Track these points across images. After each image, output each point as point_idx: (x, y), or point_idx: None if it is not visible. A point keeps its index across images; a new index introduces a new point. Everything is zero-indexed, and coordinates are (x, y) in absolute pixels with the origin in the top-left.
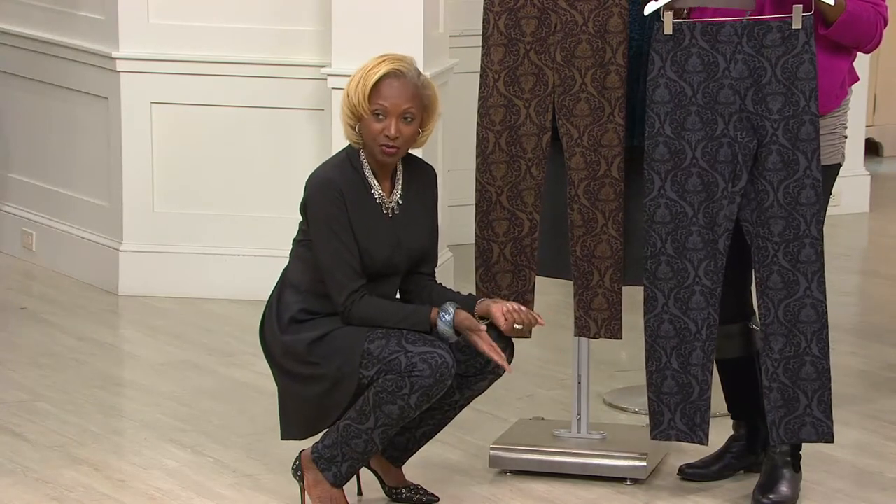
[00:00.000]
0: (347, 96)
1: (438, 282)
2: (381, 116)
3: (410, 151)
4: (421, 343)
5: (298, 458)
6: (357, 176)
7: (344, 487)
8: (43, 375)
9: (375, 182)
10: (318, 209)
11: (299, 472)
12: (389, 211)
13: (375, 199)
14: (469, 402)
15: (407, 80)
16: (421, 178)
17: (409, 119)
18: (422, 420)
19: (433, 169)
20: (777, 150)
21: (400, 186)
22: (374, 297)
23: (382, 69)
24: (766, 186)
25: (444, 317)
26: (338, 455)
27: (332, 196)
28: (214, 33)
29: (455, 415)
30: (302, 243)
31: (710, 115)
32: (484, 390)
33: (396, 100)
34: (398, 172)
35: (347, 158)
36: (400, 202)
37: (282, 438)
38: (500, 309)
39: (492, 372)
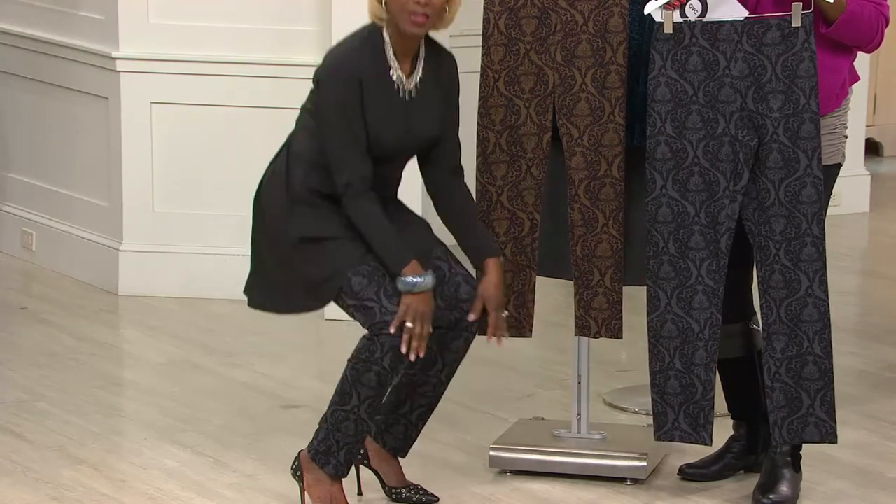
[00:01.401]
0: None
1: (469, 197)
2: None
3: (433, 36)
4: (396, 299)
5: (298, 458)
6: (377, 55)
7: (344, 488)
8: (43, 375)
9: (395, 62)
10: (330, 92)
11: (299, 473)
12: (406, 94)
13: (393, 80)
14: (453, 372)
15: None
16: (442, 64)
17: None
18: (413, 402)
19: (454, 58)
20: (778, 148)
21: (420, 70)
22: (377, 206)
23: None
24: (768, 185)
25: (411, 280)
26: (332, 445)
27: (346, 77)
28: (214, 33)
29: (443, 389)
30: (310, 112)
31: (711, 113)
32: (463, 352)
33: None
34: (419, 55)
35: (369, 36)
36: (418, 86)
37: (244, 291)
38: (487, 305)
39: (466, 329)
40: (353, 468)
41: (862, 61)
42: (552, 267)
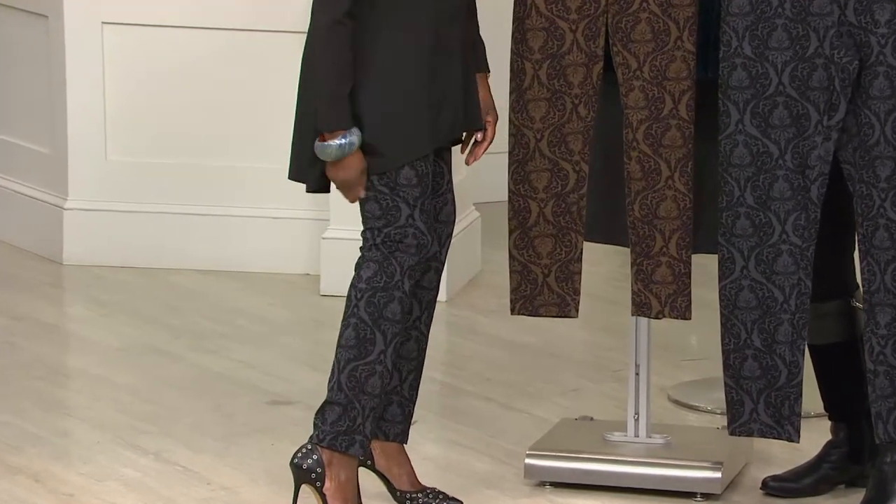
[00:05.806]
0: None
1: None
2: None
3: None
4: (425, 217)
5: (309, 456)
6: None
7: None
8: None
9: None
10: None
11: (319, 482)
12: None
13: None
14: (432, 317)
15: None
16: None
17: None
18: (400, 371)
19: None
20: (884, 72)
21: None
22: (349, 51)
23: None
24: (871, 118)
25: (321, 144)
26: (357, 416)
27: None
28: None
29: (426, 343)
30: None
31: (800, 29)
32: (437, 287)
33: None
34: None
35: None
36: None
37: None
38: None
39: (434, 258)
40: None
41: None
42: (604, 230)
